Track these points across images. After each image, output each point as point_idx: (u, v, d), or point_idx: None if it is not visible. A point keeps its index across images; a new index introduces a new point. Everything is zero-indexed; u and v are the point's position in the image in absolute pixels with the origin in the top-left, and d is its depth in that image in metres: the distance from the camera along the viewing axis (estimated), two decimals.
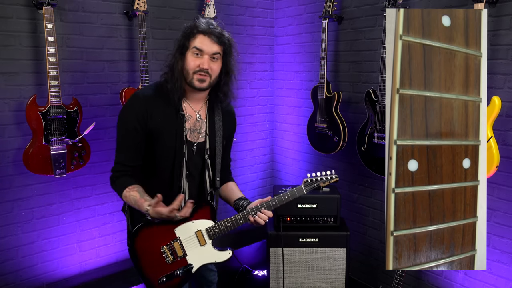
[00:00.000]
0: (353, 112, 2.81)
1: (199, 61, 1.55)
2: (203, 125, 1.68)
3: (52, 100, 2.17)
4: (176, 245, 1.61)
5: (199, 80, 1.56)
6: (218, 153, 1.71)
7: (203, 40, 1.55)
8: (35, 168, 2.20)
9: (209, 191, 1.72)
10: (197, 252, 1.63)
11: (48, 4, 2.11)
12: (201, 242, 1.64)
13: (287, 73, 3.34)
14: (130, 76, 2.64)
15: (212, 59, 1.57)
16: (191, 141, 1.65)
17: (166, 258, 1.61)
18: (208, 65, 1.55)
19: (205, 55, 1.55)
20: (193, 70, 1.55)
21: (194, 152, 1.66)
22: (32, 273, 2.46)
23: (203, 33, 1.55)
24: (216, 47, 1.56)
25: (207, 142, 1.68)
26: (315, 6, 3.02)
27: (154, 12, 2.68)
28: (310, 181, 1.67)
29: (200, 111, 1.68)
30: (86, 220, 2.63)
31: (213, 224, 1.64)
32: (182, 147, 1.62)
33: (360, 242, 2.88)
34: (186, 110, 1.65)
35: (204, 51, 1.55)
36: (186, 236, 1.62)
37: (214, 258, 1.66)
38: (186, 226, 1.62)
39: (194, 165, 1.67)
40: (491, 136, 1.93)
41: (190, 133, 1.65)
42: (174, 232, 1.61)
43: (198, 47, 1.54)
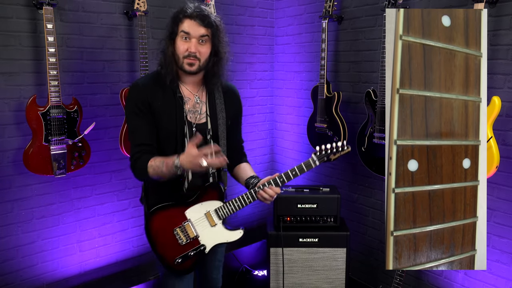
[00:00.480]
0: (353, 112, 2.81)
1: (187, 45, 1.60)
2: (203, 106, 1.72)
3: (52, 100, 2.17)
4: (187, 226, 1.67)
5: (188, 64, 1.62)
6: (221, 135, 1.73)
7: (189, 23, 1.59)
8: (35, 168, 2.20)
9: (212, 172, 1.74)
10: (209, 233, 1.69)
11: (48, 4, 2.11)
12: (211, 223, 1.69)
13: (287, 73, 3.34)
14: (130, 76, 2.64)
15: (200, 42, 1.61)
16: (191, 122, 1.68)
17: (179, 239, 1.67)
18: (196, 48, 1.60)
19: (192, 39, 1.60)
20: (182, 55, 1.61)
21: (195, 134, 1.67)
22: (32, 273, 2.46)
23: (189, 17, 1.59)
24: (203, 30, 1.60)
25: (208, 123, 1.71)
26: (315, 6, 3.02)
27: (154, 12, 2.68)
28: (319, 154, 1.65)
29: (198, 93, 1.73)
30: (86, 220, 2.63)
31: (221, 205, 1.69)
32: (183, 128, 1.66)
33: (360, 242, 2.88)
34: (183, 93, 1.70)
35: (191, 34, 1.59)
36: (197, 218, 1.68)
37: (226, 238, 1.71)
38: (195, 208, 1.68)
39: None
40: (491, 136, 1.93)
41: (190, 115, 1.69)
42: (185, 214, 1.68)
43: (185, 30, 1.59)
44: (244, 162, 1.88)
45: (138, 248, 2.88)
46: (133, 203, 2.81)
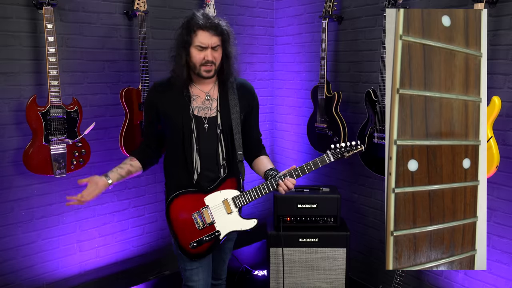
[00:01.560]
0: (353, 112, 2.81)
1: (203, 54, 1.73)
2: (213, 102, 1.85)
3: (52, 100, 2.17)
4: (205, 212, 1.80)
5: (206, 71, 1.77)
6: (236, 128, 1.85)
7: (204, 35, 1.71)
8: (35, 168, 2.20)
9: (222, 164, 1.85)
10: (224, 220, 1.81)
11: (48, 4, 2.11)
12: (227, 210, 1.81)
13: (287, 73, 3.34)
14: (130, 76, 2.64)
15: (214, 49, 1.75)
16: (200, 116, 1.82)
17: (196, 224, 1.79)
18: (212, 56, 1.74)
19: (208, 48, 1.73)
20: (199, 63, 1.75)
21: (207, 129, 1.82)
22: (32, 273, 2.46)
23: (202, 28, 1.70)
24: (216, 39, 1.73)
25: (218, 117, 1.83)
26: (315, 6, 3.02)
27: (154, 12, 2.68)
28: (334, 151, 1.80)
29: (210, 91, 1.86)
30: (86, 220, 2.62)
31: (239, 194, 1.81)
32: (189, 123, 1.80)
33: (360, 242, 2.88)
34: (193, 92, 1.84)
35: (206, 45, 1.72)
36: (214, 204, 1.81)
37: (240, 225, 1.83)
38: (214, 195, 1.81)
39: (206, 140, 1.82)
40: (491, 136, 1.93)
41: (199, 110, 1.83)
42: (204, 200, 1.81)
43: (201, 44, 1.72)
44: (263, 155, 1.98)
45: (138, 248, 2.88)
46: (133, 203, 2.81)
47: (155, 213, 2.92)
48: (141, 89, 2.48)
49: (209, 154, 1.83)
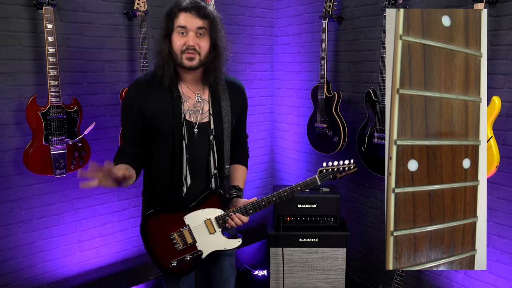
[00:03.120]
0: (353, 112, 2.81)
1: (184, 39, 1.52)
2: (205, 105, 1.64)
3: (52, 100, 2.17)
4: (185, 232, 1.63)
5: (188, 58, 1.53)
6: (226, 139, 1.65)
7: (185, 16, 1.52)
8: (35, 168, 2.20)
9: (214, 173, 1.65)
10: (207, 240, 1.65)
11: (48, 4, 2.11)
12: (210, 230, 1.65)
13: (287, 73, 3.34)
14: (130, 76, 2.64)
15: (198, 35, 1.53)
16: (191, 122, 1.60)
17: (176, 244, 1.63)
18: (194, 41, 1.52)
19: (190, 32, 1.52)
20: (180, 50, 1.53)
21: (196, 135, 1.60)
22: (32, 273, 2.46)
23: (184, 10, 1.52)
24: (200, 22, 1.52)
25: (211, 122, 1.62)
26: (315, 6, 3.02)
27: (154, 12, 2.68)
28: (325, 171, 1.67)
29: (200, 92, 1.64)
30: (86, 220, 2.63)
31: (222, 213, 1.64)
32: (180, 129, 1.58)
33: (360, 242, 2.88)
34: (183, 92, 1.62)
35: (187, 27, 1.51)
36: (196, 225, 1.64)
37: (224, 245, 1.67)
38: (195, 214, 1.64)
39: (196, 148, 1.61)
40: (491, 136, 1.93)
41: (190, 114, 1.61)
42: (184, 219, 1.63)
43: (181, 24, 1.51)
44: (240, 164, 1.79)
45: (138, 248, 2.88)
46: (133, 203, 2.81)
47: None
48: None
49: (200, 164, 1.63)
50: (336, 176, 1.68)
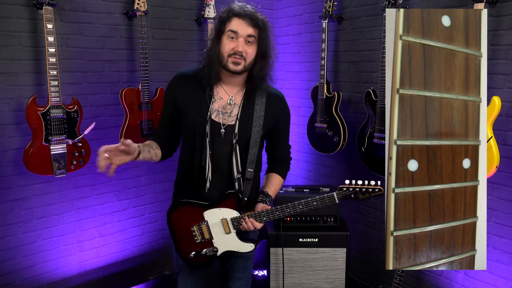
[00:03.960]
0: (353, 112, 2.81)
1: (233, 44, 1.57)
2: (235, 109, 1.68)
3: (52, 100, 2.17)
4: (204, 227, 1.70)
5: (233, 63, 1.58)
6: (253, 143, 1.68)
7: (238, 22, 1.57)
8: (35, 168, 2.20)
9: (236, 177, 1.68)
10: (222, 238, 1.71)
11: (48, 4, 2.11)
12: (225, 230, 1.70)
13: (287, 73, 3.34)
14: (130, 76, 2.64)
15: (247, 42, 1.59)
16: (218, 122, 1.66)
17: (195, 237, 1.70)
18: (243, 48, 1.57)
19: (240, 38, 1.57)
20: (227, 53, 1.58)
21: (223, 135, 1.66)
22: (32, 273, 2.46)
23: (237, 15, 1.57)
24: (251, 30, 1.57)
25: (236, 126, 1.66)
26: (315, 6, 3.02)
27: (154, 12, 2.68)
28: (346, 189, 1.66)
29: (235, 95, 1.69)
30: (86, 220, 2.63)
31: (238, 215, 1.69)
32: (204, 125, 1.64)
33: (360, 242, 2.88)
34: (218, 92, 1.68)
35: (238, 33, 1.57)
36: (213, 222, 1.69)
37: (238, 247, 1.73)
38: (214, 211, 1.69)
39: (220, 148, 1.67)
40: (491, 136, 1.93)
41: (218, 114, 1.67)
42: (203, 215, 1.69)
43: (233, 29, 1.57)
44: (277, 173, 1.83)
45: (138, 248, 2.88)
46: (133, 203, 2.81)
47: (155, 213, 2.92)
48: (141, 89, 2.48)
49: (223, 163, 1.68)
50: (358, 196, 1.64)
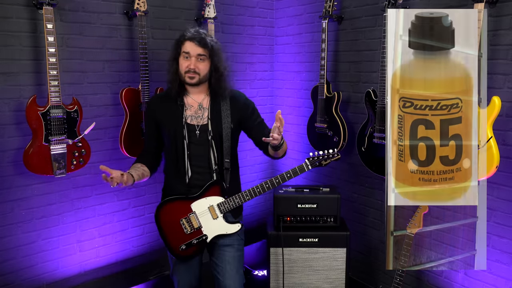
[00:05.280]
0: (353, 112, 2.81)
1: (187, 63, 1.90)
2: (205, 111, 1.98)
3: (52, 100, 2.17)
4: (192, 217, 1.94)
5: (189, 77, 1.91)
6: (225, 137, 1.96)
7: (189, 44, 1.89)
8: (35, 168, 2.20)
9: (215, 169, 1.95)
10: (211, 224, 1.94)
11: (48, 4, 2.11)
12: (213, 216, 1.94)
13: (287, 73, 3.34)
14: (130, 76, 2.64)
15: (199, 60, 1.90)
16: (192, 125, 1.96)
17: (184, 229, 1.93)
18: (195, 65, 1.89)
19: (192, 57, 1.89)
20: (184, 71, 1.91)
21: (198, 136, 1.95)
22: (32, 273, 2.46)
23: (189, 39, 1.89)
24: (200, 50, 1.89)
25: (209, 125, 1.95)
26: (315, 6, 3.02)
27: (154, 12, 2.68)
28: (312, 159, 1.92)
29: (203, 101, 2.00)
30: (86, 220, 2.63)
31: (223, 200, 1.94)
32: (182, 130, 1.94)
33: (360, 242, 2.89)
34: (187, 101, 1.99)
35: (190, 53, 1.89)
36: (201, 210, 1.93)
37: (225, 229, 1.96)
38: (200, 201, 1.94)
39: (198, 146, 1.95)
40: (491, 136, 1.93)
41: (192, 119, 1.97)
42: (191, 207, 1.94)
43: (186, 50, 1.90)
44: None
45: (138, 248, 2.88)
46: (133, 203, 2.81)
47: None
48: (141, 89, 2.48)
49: (200, 159, 1.96)
50: (322, 163, 1.93)
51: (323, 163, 1.93)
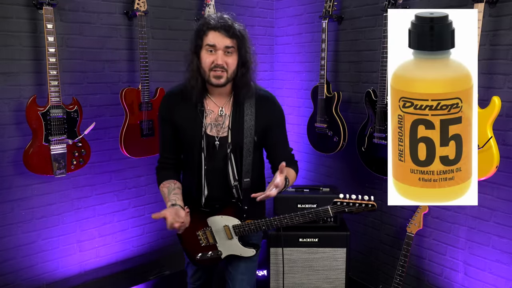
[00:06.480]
0: (353, 112, 2.81)
1: (213, 57, 1.57)
2: (226, 119, 1.69)
3: (52, 100, 2.17)
4: (208, 232, 1.76)
5: (215, 77, 1.58)
6: (246, 152, 1.68)
7: (214, 35, 1.56)
8: (35, 168, 2.20)
9: (234, 185, 1.70)
10: (226, 243, 1.77)
11: (48, 4, 2.11)
12: (228, 236, 1.76)
13: (287, 73, 3.34)
14: (130, 76, 2.64)
15: (226, 53, 1.58)
16: (212, 136, 1.68)
17: (200, 241, 1.77)
18: (223, 60, 1.57)
19: (218, 51, 1.57)
20: (208, 67, 1.58)
21: (217, 147, 1.67)
22: (32, 273, 2.46)
23: (213, 29, 1.57)
24: (228, 41, 1.57)
25: (229, 137, 1.67)
26: (315, 6, 3.02)
27: (154, 12, 2.68)
28: (340, 204, 1.65)
29: (224, 106, 1.69)
30: (86, 220, 2.63)
31: (239, 223, 1.73)
32: (200, 142, 1.66)
33: (360, 242, 2.88)
34: (208, 105, 1.69)
35: (216, 46, 1.56)
36: (216, 228, 1.75)
37: (240, 252, 1.78)
38: (216, 219, 1.75)
39: (216, 160, 1.68)
40: (491, 136, 1.93)
41: (211, 128, 1.68)
42: (207, 221, 1.75)
43: (210, 43, 1.56)
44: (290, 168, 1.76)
45: (138, 248, 2.88)
46: (133, 203, 2.81)
47: None
48: (141, 89, 2.48)
49: (219, 175, 1.69)
50: (352, 211, 1.65)
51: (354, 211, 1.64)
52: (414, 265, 2.55)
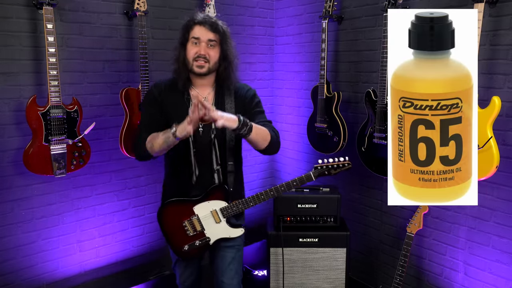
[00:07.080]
0: (353, 112, 2.81)
1: (196, 49, 1.75)
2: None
3: (52, 100, 2.17)
4: (195, 221, 1.86)
5: (198, 66, 1.76)
6: (229, 137, 1.84)
7: (199, 29, 1.75)
8: (35, 168, 2.20)
9: (216, 169, 1.83)
10: (214, 228, 1.87)
11: (48, 4, 2.11)
12: (216, 220, 1.86)
13: (287, 73, 3.34)
14: (130, 76, 2.64)
15: (209, 46, 1.76)
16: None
17: (187, 231, 1.86)
18: (205, 51, 1.75)
19: (202, 43, 1.75)
20: (192, 57, 1.76)
21: (201, 133, 1.81)
22: (32, 273, 2.46)
23: (199, 23, 1.76)
24: (211, 35, 1.76)
25: (212, 123, 1.76)
26: (315, 6, 3.02)
27: (154, 12, 2.68)
28: (320, 168, 1.84)
29: (207, 96, 1.85)
30: (86, 220, 2.63)
31: (226, 205, 1.84)
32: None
33: (360, 242, 2.88)
34: (193, 95, 1.83)
35: (200, 38, 1.75)
36: (203, 214, 1.85)
37: (228, 233, 1.88)
38: (203, 205, 1.85)
39: (201, 144, 1.82)
40: (491, 136, 1.93)
41: None
42: (193, 210, 1.85)
43: (195, 36, 1.75)
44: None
45: (138, 248, 2.88)
46: (133, 203, 2.81)
47: (155, 213, 2.91)
48: (141, 89, 2.48)
49: (205, 159, 1.83)
50: (331, 172, 1.84)
51: (332, 172, 1.83)
52: (414, 265, 2.55)
